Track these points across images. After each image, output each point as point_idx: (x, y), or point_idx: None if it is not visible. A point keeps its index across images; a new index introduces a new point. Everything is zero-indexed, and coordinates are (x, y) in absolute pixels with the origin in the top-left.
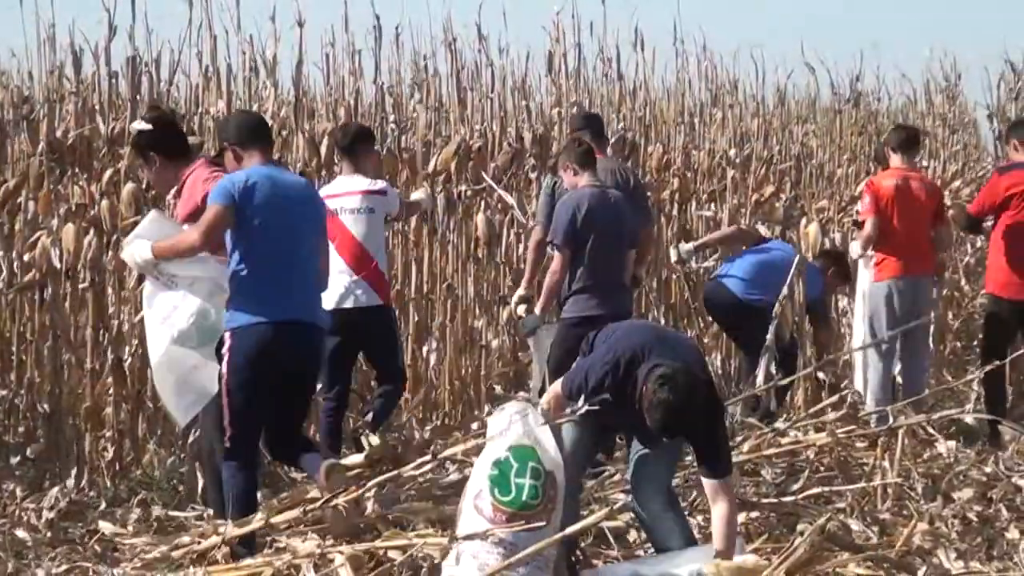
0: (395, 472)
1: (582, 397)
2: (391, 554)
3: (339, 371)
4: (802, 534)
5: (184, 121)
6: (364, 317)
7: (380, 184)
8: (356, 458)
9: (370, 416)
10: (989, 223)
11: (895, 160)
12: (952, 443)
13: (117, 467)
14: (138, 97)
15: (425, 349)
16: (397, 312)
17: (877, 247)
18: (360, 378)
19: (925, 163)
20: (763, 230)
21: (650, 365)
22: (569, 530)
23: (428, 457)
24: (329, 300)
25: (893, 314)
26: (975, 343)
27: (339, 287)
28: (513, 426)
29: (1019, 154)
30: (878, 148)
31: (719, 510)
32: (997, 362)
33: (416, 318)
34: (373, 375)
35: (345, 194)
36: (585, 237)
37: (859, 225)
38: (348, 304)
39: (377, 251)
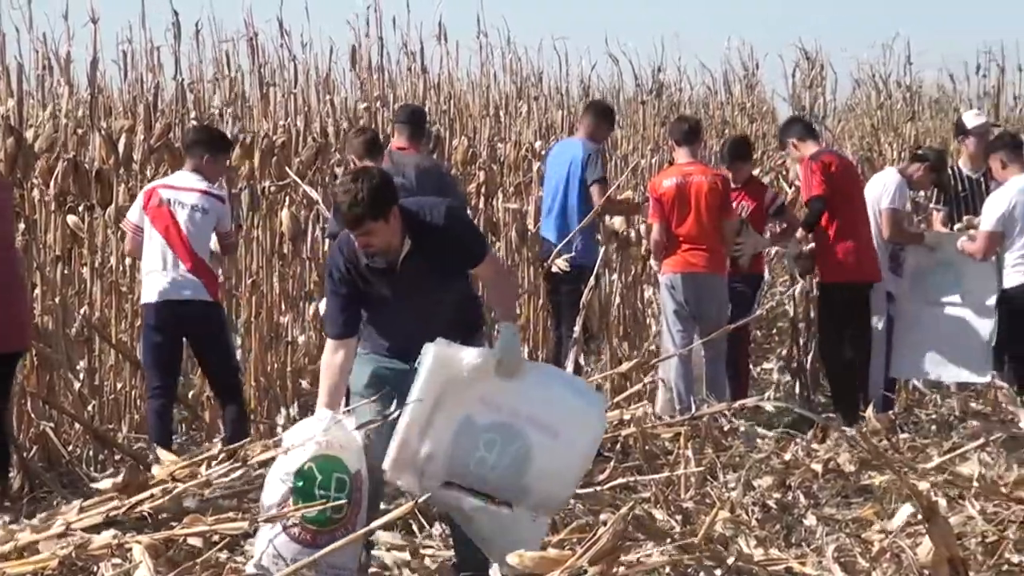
0: (204, 480)
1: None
2: (191, 541)
3: (164, 367)
4: (606, 523)
5: None
6: (192, 312)
7: (221, 192)
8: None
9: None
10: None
11: (680, 154)
12: (749, 431)
13: None
14: None
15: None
16: None
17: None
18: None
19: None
20: None
21: None
22: (374, 524)
23: (238, 464)
24: (153, 293)
25: (680, 308)
26: (775, 331)
27: (165, 280)
28: (316, 435)
29: (801, 149)
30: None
31: (489, 284)
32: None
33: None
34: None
35: (183, 188)
36: None
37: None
38: (175, 297)
39: (204, 252)
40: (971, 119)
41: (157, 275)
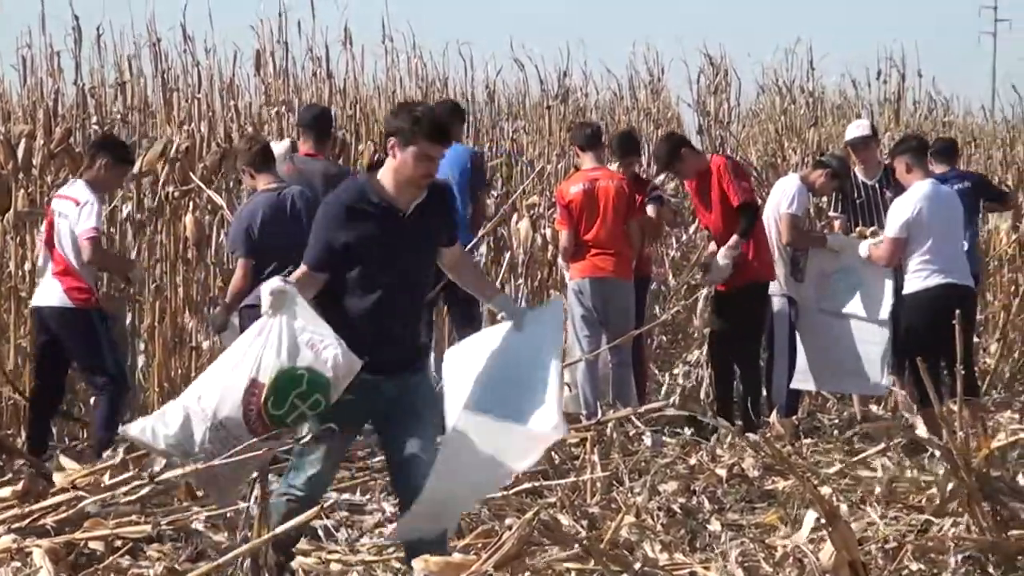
0: (109, 493)
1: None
2: (92, 545)
3: (39, 368)
4: (511, 528)
5: None
6: (54, 318)
7: (87, 198)
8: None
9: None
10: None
11: (585, 159)
12: (655, 436)
13: None
14: None
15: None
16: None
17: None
18: None
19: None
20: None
21: None
22: (279, 529)
23: (144, 482)
24: (34, 297)
25: (587, 313)
26: (680, 336)
27: (40, 285)
28: (325, 349)
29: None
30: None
31: (465, 265)
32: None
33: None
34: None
35: (62, 196)
36: (265, 245)
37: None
38: (40, 303)
39: (72, 257)
40: (850, 130)
41: (40, 279)
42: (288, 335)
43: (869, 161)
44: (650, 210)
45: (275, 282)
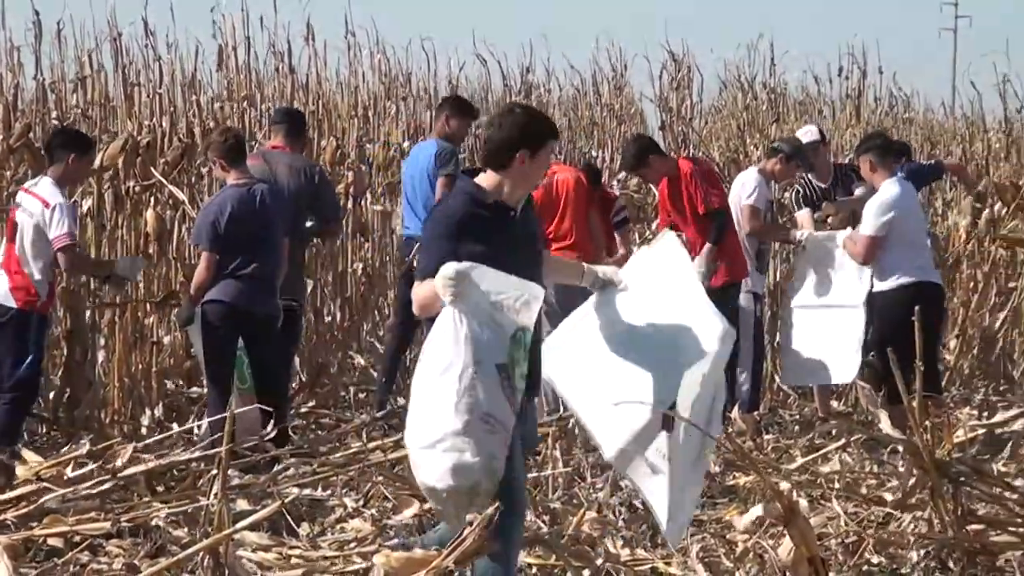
0: (71, 489)
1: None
2: (51, 542)
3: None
4: (472, 524)
5: None
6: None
7: (57, 199)
8: None
9: None
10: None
11: None
12: None
13: None
14: None
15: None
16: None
17: None
18: None
19: (594, 153)
20: None
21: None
22: (242, 524)
23: (108, 477)
24: None
25: (550, 308)
26: None
27: None
28: (516, 302)
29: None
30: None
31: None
32: None
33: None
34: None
35: (29, 192)
36: (231, 239)
37: None
38: None
39: (24, 256)
40: (802, 136)
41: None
42: (485, 311)
43: (821, 166)
44: (618, 240)
45: (447, 269)
